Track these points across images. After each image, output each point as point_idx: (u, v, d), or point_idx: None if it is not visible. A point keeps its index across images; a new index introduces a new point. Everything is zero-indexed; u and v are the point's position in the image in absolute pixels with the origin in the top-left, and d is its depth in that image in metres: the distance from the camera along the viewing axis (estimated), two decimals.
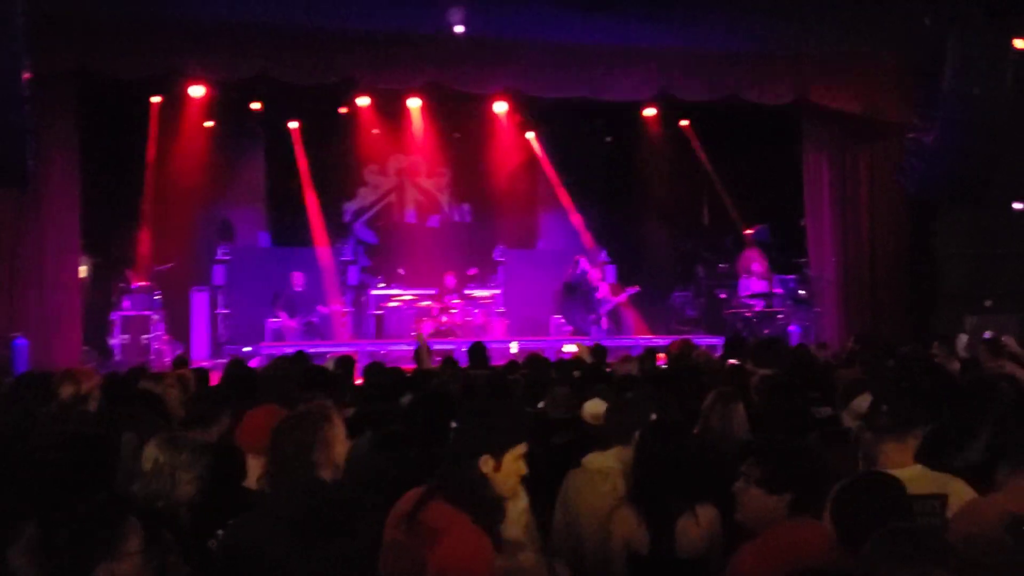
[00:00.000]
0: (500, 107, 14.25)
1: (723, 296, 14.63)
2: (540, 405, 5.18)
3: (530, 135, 15.64)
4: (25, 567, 2.46)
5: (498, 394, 5.32)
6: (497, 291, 14.80)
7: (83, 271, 12.15)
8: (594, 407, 4.52)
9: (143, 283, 12.75)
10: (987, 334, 9.67)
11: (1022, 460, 3.05)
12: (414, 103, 14.28)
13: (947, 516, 3.13)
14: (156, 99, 12.88)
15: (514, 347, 11.41)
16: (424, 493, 2.66)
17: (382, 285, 14.58)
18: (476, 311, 14.22)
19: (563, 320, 14.38)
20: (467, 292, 14.42)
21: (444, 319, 13.90)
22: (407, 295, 14.31)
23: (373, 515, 2.81)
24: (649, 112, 14.49)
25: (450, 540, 2.53)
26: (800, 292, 14.20)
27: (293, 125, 14.53)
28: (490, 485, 2.66)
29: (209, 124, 13.48)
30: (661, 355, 8.33)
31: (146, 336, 12.24)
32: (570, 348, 10.74)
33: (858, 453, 3.64)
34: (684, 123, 15.02)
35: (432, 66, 11.92)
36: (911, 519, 2.85)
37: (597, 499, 3.57)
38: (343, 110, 14.35)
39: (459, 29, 11.17)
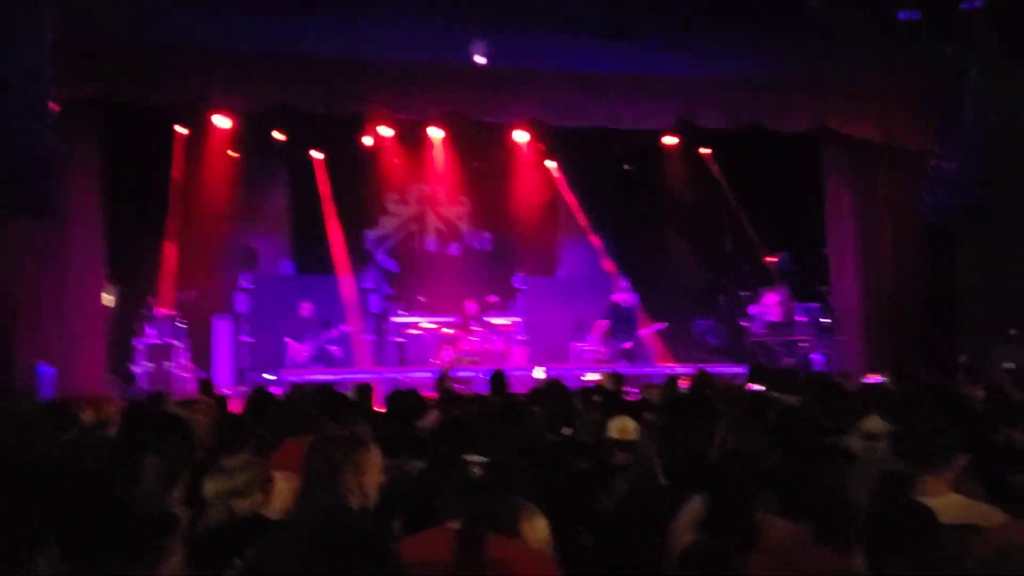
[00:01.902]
0: (521, 136, 14.28)
1: (745, 325, 14.54)
2: (565, 431, 5.19)
3: (551, 164, 15.68)
4: None
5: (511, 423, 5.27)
6: (517, 319, 14.78)
7: (110, 300, 12.23)
8: (620, 423, 4.55)
9: (166, 311, 12.81)
10: (1010, 365, 9.57)
11: None
12: (435, 133, 14.39)
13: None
14: (181, 129, 13.01)
15: (540, 372, 11.33)
16: (468, 535, 2.60)
17: (403, 313, 14.60)
18: (496, 339, 14.20)
19: (597, 346, 14.27)
20: (487, 320, 14.41)
21: (464, 347, 13.89)
22: (428, 323, 14.33)
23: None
24: (670, 140, 14.49)
25: (527, 566, 2.60)
26: (823, 320, 14.09)
27: (316, 155, 14.67)
28: None
29: (233, 154, 13.60)
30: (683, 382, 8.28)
31: (169, 364, 12.28)
32: (593, 376, 10.70)
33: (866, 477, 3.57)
34: (705, 151, 14.99)
35: (453, 96, 12.01)
36: (941, 547, 2.80)
37: None
38: (365, 140, 14.45)
39: (480, 60, 11.25)
